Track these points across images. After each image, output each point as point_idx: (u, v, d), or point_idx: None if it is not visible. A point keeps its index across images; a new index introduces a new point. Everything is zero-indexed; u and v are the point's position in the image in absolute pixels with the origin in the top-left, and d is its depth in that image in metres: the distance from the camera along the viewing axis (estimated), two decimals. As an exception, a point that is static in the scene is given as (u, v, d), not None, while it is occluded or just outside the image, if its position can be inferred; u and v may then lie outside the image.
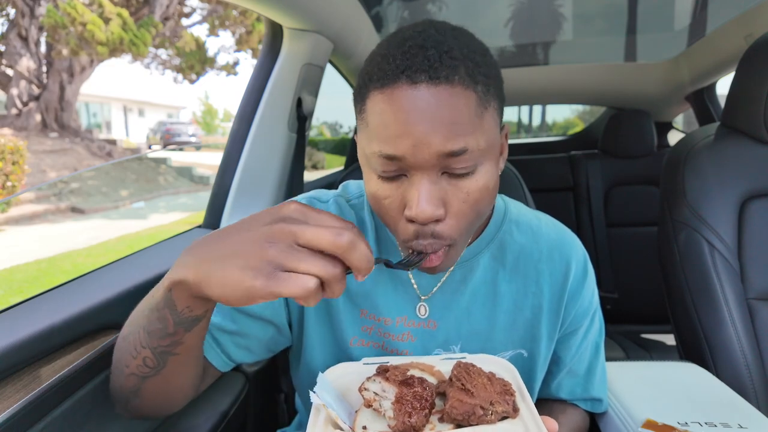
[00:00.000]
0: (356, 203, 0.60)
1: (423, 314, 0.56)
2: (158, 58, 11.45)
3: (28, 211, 6.29)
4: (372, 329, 0.56)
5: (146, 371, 0.44)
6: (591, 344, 0.62)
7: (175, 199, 8.41)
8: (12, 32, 9.00)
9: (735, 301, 0.82)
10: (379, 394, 0.46)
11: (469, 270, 0.56)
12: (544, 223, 0.60)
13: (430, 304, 0.56)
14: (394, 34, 0.45)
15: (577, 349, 0.60)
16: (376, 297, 0.56)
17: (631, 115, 1.75)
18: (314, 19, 0.93)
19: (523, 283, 0.56)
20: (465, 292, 0.55)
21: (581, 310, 0.58)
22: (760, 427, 0.60)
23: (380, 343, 0.56)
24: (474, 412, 0.43)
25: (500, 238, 0.57)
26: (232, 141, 0.98)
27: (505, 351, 0.56)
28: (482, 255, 0.56)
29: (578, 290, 0.57)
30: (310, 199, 0.59)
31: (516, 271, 0.56)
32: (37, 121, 9.47)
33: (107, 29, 8.14)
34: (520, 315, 0.56)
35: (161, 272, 0.67)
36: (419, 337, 0.55)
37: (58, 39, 8.29)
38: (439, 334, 0.55)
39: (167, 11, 9.56)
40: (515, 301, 0.56)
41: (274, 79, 0.96)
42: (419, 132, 0.40)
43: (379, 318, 0.56)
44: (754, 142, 0.87)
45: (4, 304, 0.55)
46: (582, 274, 0.58)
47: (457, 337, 0.56)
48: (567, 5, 1.34)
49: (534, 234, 0.58)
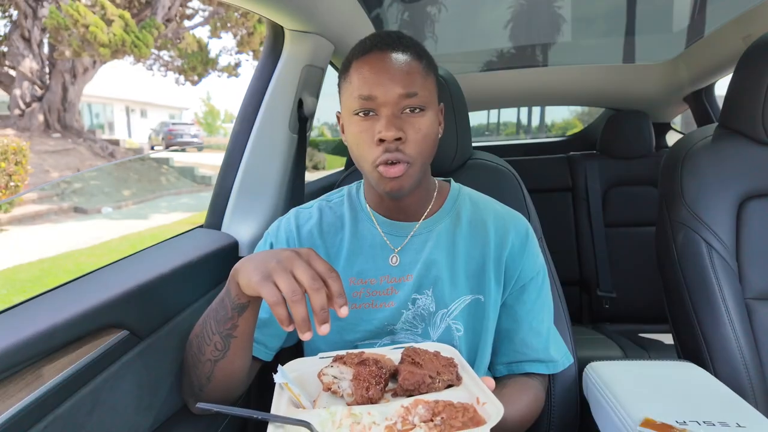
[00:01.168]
0: (336, 202, 0.78)
1: (395, 263, 0.71)
2: (160, 59, 11.48)
3: (30, 211, 6.31)
4: (361, 293, 0.70)
5: (217, 354, 0.59)
6: (546, 306, 0.74)
7: (177, 199, 8.43)
8: (15, 33, 9.03)
9: (733, 301, 0.82)
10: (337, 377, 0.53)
11: (431, 231, 0.72)
12: (491, 201, 0.77)
13: (401, 255, 0.71)
14: None
15: (532, 305, 0.72)
16: (359, 264, 0.71)
17: (630, 116, 1.75)
18: (315, 21, 0.93)
19: (474, 237, 0.72)
20: (430, 246, 0.70)
21: (528, 266, 0.71)
22: (757, 425, 0.60)
23: (370, 302, 0.70)
24: (423, 381, 0.51)
25: (457, 208, 0.74)
26: (234, 142, 0.98)
27: (467, 295, 0.70)
28: (442, 220, 0.73)
29: (522, 248, 0.71)
30: (297, 210, 0.77)
31: (469, 228, 0.72)
32: (40, 122, 9.50)
33: (109, 31, 8.16)
34: (473, 261, 0.71)
35: (164, 272, 0.68)
36: (400, 290, 0.69)
37: (61, 40, 8.31)
38: (413, 283, 0.69)
39: (169, 13, 9.58)
40: (468, 251, 0.71)
41: (275, 80, 0.97)
42: (387, 79, 0.61)
43: (365, 280, 0.70)
44: (752, 143, 0.87)
45: (7, 303, 0.55)
46: (524, 236, 0.72)
47: (429, 282, 0.69)
48: (566, 7, 1.34)
49: (484, 205, 0.75)
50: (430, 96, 0.65)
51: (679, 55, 1.59)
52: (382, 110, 0.62)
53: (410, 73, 0.62)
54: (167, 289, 0.68)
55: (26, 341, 0.47)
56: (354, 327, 0.70)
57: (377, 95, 0.61)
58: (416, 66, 0.63)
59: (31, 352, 0.48)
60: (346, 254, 0.72)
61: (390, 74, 0.61)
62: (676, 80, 1.69)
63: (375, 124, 0.62)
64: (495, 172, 0.97)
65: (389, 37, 0.65)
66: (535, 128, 7.42)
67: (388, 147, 0.61)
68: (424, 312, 0.69)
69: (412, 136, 0.62)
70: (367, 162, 0.64)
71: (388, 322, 0.69)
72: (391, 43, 0.63)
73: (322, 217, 0.75)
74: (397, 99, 0.61)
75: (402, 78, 0.61)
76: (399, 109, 0.62)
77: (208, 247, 0.82)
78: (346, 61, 0.66)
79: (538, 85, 1.86)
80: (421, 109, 0.63)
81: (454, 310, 0.69)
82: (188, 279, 0.73)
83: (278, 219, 0.77)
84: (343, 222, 0.74)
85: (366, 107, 0.62)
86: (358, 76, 0.63)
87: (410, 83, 0.61)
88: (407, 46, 0.64)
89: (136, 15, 9.32)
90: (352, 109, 0.64)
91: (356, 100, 0.62)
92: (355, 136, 0.64)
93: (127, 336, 0.59)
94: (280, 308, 0.47)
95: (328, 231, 0.74)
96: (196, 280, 0.76)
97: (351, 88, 0.64)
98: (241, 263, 0.54)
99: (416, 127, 0.63)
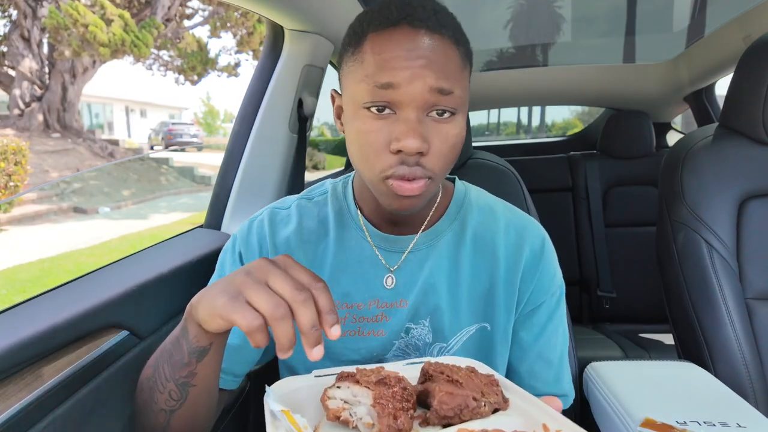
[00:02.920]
0: (319, 200, 0.63)
1: (390, 285, 0.58)
2: (160, 59, 11.47)
3: (30, 211, 6.30)
4: (346, 318, 0.58)
5: (172, 404, 0.47)
6: (561, 332, 0.61)
7: (177, 199, 8.43)
8: (14, 33, 9.03)
9: (733, 301, 0.82)
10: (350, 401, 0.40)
11: (433, 246, 0.59)
12: (502, 205, 0.64)
13: (397, 275, 0.58)
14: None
15: (542, 330, 0.60)
16: (345, 284, 0.58)
17: (630, 115, 1.75)
18: (315, 21, 0.93)
19: (481, 255, 0.59)
20: (429, 267, 0.58)
21: (541, 287, 0.59)
22: (758, 426, 0.60)
23: (356, 329, 0.58)
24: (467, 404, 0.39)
25: (462, 216, 0.61)
26: (234, 141, 0.98)
27: (471, 325, 0.58)
28: (445, 233, 0.59)
29: (536, 265, 0.59)
30: (272, 209, 0.62)
31: (475, 244, 0.59)
32: (40, 122, 9.49)
33: (109, 30, 8.16)
34: (479, 285, 0.58)
35: (163, 272, 0.68)
36: (393, 317, 0.58)
37: (60, 40, 8.31)
38: (408, 310, 0.57)
39: (169, 13, 9.57)
40: (474, 272, 0.58)
41: (275, 80, 0.97)
42: (418, 65, 0.45)
43: (351, 305, 0.58)
44: (752, 143, 0.87)
45: (7, 303, 0.55)
46: (539, 250, 0.59)
47: (426, 311, 0.58)
48: (566, 7, 1.34)
49: (492, 212, 0.62)
50: (464, 95, 0.49)
51: (679, 55, 1.59)
52: (404, 108, 0.46)
53: (448, 62, 0.46)
54: (167, 290, 0.68)
55: (26, 341, 0.47)
56: (337, 357, 0.58)
57: (401, 85, 0.45)
58: (455, 54, 0.47)
59: (30, 352, 0.48)
60: (329, 270, 0.58)
61: (423, 60, 0.45)
62: (676, 80, 1.69)
63: (391, 126, 0.47)
64: (495, 171, 0.96)
65: (424, 9, 0.47)
66: (535, 128, 7.42)
67: (406, 160, 0.47)
68: (418, 342, 0.58)
69: (437, 147, 0.47)
70: (374, 171, 0.49)
71: (378, 353, 0.58)
72: (427, 19, 0.46)
73: (302, 221, 0.60)
74: (428, 95, 0.45)
75: (438, 68, 0.45)
76: (426, 110, 0.47)
77: (208, 247, 0.82)
78: (357, 31, 0.49)
79: (538, 84, 1.86)
80: (452, 113, 0.48)
81: (454, 345, 0.58)
82: (188, 279, 0.73)
83: (249, 219, 0.62)
84: (327, 228, 0.60)
85: (383, 100, 0.46)
86: (376, 56, 0.46)
87: (447, 76, 0.46)
88: (445, 26, 0.47)
89: (135, 14, 9.31)
90: (361, 100, 0.47)
91: (369, 88, 0.46)
92: (362, 137, 0.48)
93: (126, 336, 0.59)
94: (260, 335, 0.36)
95: (309, 239, 0.60)
96: (196, 280, 0.76)
97: (362, 69, 0.47)
98: (199, 295, 0.42)
99: (444, 136, 0.48)
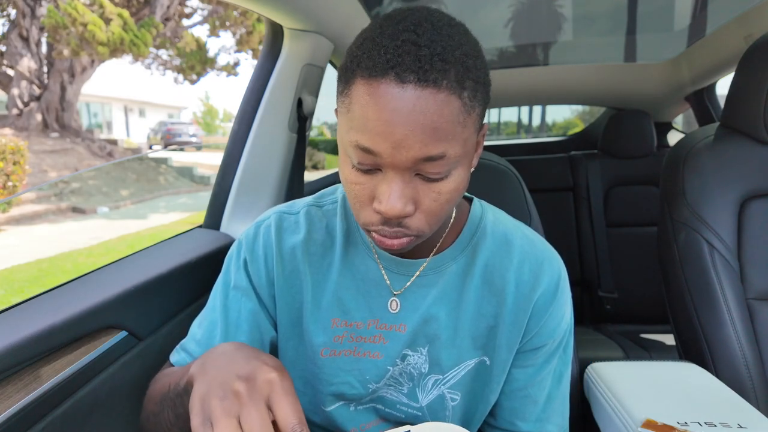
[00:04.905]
0: (329, 209, 0.60)
1: (395, 309, 0.55)
2: (159, 58, 11.45)
3: (29, 211, 6.29)
4: (344, 337, 0.56)
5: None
6: (554, 373, 0.59)
7: (176, 199, 8.42)
8: (13, 32, 9.01)
9: (735, 301, 0.82)
10: None
11: (440, 273, 0.56)
12: (521, 235, 0.58)
13: (402, 300, 0.55)
14: (389, 19, 0.43)
15: (536, 372, 0.57)
16: (347, 301, 0.56)
17: (631, 115, 1.75)
18: (315, 20, 0.93)
19: (489, 290, 0.55)
20: (434, 295, 0.55)
21: (546, 330, 0.55)
22: (759, 426, 0.60)
23: (352, 349, 0.56)
24: None
25: (474, 244, 0.57)
26: (233, 141, 0.98)
27: (471, 359, 0.56)
28: (453, 261, 0.56)
29: (546, 307, 0.55)
30: (280, 214, 0.59)
31: (484, 277, 0.56)
32: (38, 121, 9.48)
33: (108, 30, 8.14)
34: (483, 322, 0.55)
35: (162, 272, 0.67)
36: (390, 340, 0.55)
37: (59, 39, 8.29)
38: (407, 336, 0.55)
39: (168, 12, 9.56)
40: (479, 308, 0.55)
41: (274, 79, 0.96)
42: (399, 134, 0.39)
43: (350, 323, 0.56)
44: (753, 143, 0.87)
45: (5, 303, 0.55)
46: (553, 292, 0.55)
47: (425, 339, 0.55)
48: (567, 6, 1.34)
49: (507, 244, 0.57)
50: (467, 144, 0.43)
51: (680, 55, 1.59)
52: (387, 171, 0.42)
53: (441, 120, 0.39)
54: (166, 290, 0.68)
55: (25, 342, 0.47)
56: (330, 378, 0.56)
57: (381, 153, 0.40)
58: (450, 110, 0.39)
59: (29, 352, 0.48)
60: (333, 285, 0.56)
61: (405, 127, 0.39)
62: (677, 79, 1.69)
63: (376, 183, 0.43)
64: (496, 171, 0.96)
65: (417, 55, 0.39)
66: (535, 128, 7.42)
67: (387, 221, 0.44)
68: (413, 371, 0.56)
69: (426, 206, 0.44)
70: (359, 220, 0.47)
71: (370, 377, 0.56)
72: (418, 69, 0.38)
73: (311, 231, 0.57)
74: (412, 163, 0.41)
75: (426, 133, 0.39)
76: (413, 171, 0.42)
77: (207, 247, 0.82)
78: (349, 67, 0.42)
79: (539, 84, 1.86)
80: (446, 176, 0.43)
81: (451, 378, 0.56)
82: (187, 279, 0.73)
83: (257, 221, 0.60)
84: (334, 241, 0.57)
85: (365, 162, 0.42)
86: (361, 111, 0.40)
87: (438, 138, 0.40)
88: (443, 71, 0.39)
89: (134, 14, 9.30)
90: (347, 152, 0.44)
91: (353, 146, 0.42)
92: (347, 185, 0.45)
93: (125, 337, 0.59)
94: None
95: (315, 251, 0.57)
96: (195, 280, 0.76)
97: (348, 119, 0.42)
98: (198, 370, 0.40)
99: (435, 195, 0.43)
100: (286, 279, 0.56)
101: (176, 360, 0.56)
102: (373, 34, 0.42)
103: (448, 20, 0.43)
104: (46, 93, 9.44)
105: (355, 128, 0.42)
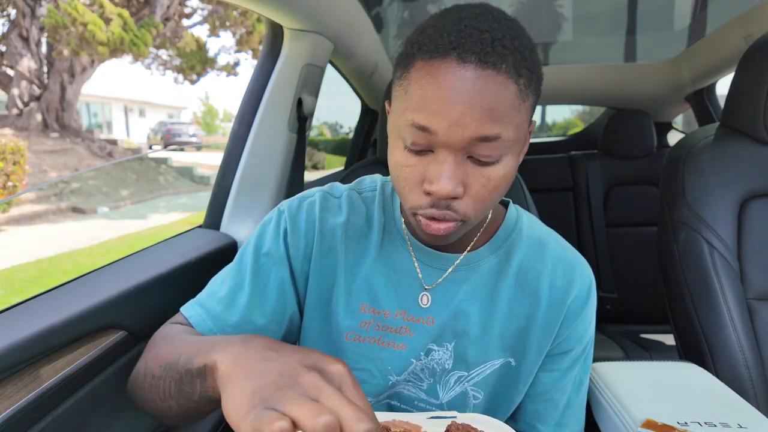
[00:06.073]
0: (368, 196, 0.61)
1: (425, 303, 0.55)
2: (159, 58, 11.46)
3: (28, 211, 6.29)
4: (370, 324, 0.56)
5: (167, 412, 0.45)
6: (575, 380, 0.60)
7: (176, 199, 8.42)
8: (13, 32, 9.01)
9: (735, 301, 0.82)
10: None
11: (474, 271, 0.56)
12: (554, 240, 0.59)
13: (433, 295, 0.56)
14: (450, 10, 0.45)
15: (561, 376, 0.58)
16: (378, 289, 0.56)
17: (631, 115, 1.75)
18: (315, 20, 0.93)
19: (522, 291, 0.56)
20: (465, 291, 0.55)
21: (576, 334, 0.57)
22: (759, 427, 0.60)
23: (377, 337, 0.56)
24: None
25: (508, 245, 0.57)
26: (233, 141, 0.98)
27: (497, 359, 0.56)
28: (487, 259, 0.56)
29: (578, 312, 0.56)
30: (325, 194, 0.59)
31: (517, 278, 0.56)
32: (38, 122, 9.48)
33: (108, 30, 8.15)
34: (514, 322, 0.56)
35: (162, 272, 0.67)
36: (417, 333, 0.55)
37: (59, 39, 8.29)
38: (434, 330, 0.55)
39: (168, 12, 9.56)
40: (511, 308, 0.56)
41: (274, 79, 0.96)
42: (458, 112, 0.40)
43: (378, 311, 0.56)
44: (753, 143, 0.87)
45: (5, 303, 0.55)
46: (585, 297, 0.56)
47: (452, 335, 0.55)
48: (567, 6, 1.34)
49: (541, 247, 0.58)
50: (519, 133, 0.44)
51: (680, 54, 1.59)
52: (440, 150, 0.43)
53: (498, 102, 0.40)
54: (165, 290, 0.68)
55: (24, 342, 0.47)
56: (351, 364, 0.55)
57: (437, 131, 0.41)
58: (509, 91, 0.41)
59: (29, 352, 0.48)
60: (365, 273, 0.56)
61: (465, 105, 0.40)
62: (677, 79, 1.69)
63: (427, 164, 0.44)
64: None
65: (479, 38, 0.40)
66: (536, 127, 7.43)
67: (436, 202, 0.44)
68: (436, 366, 0.55)
69: (475, 190, 0.44)
70: (406, 204, 0.47)
71: (392, 367, 0.56)
72: (480, 51, 0.40)
73: (351, 215, 0.58)
74: (467, 143, 0.41)
75: (484, 113, 0.40)
76: (466, 153, 0.43)
77: (207, 247, 0.82)
78: (408, 51, 0.44)
79: None
80: (498, 160, 0.43)
81: (476, 376, 0.56)
82: (187, 279, 0.73)
83: (299, 196, 0.59)
84: (372, 227, 0.58)
85: (420, 142, 0.43)
86: (420, 90, 0.42)
87: (494, 119, 0.41)
88: (503, 57, 0.40)
89: (134, 13, 9.30)
90: (401, 133, 0.45)
91: (408, 124, 0.43)
92: (397, 168, 0.46)
93: (125, 337, 0.59)
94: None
95: (353, 236, 0.57)
96: (194, 280, 0.76)
97: (405, 100, 0.43)
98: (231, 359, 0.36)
99: (484, 179, 0.44)
100: (323, 257, 0.56)
101: (190, 314, 0.53)
102: (434, 21, 0.44)
103: (506, 15, 0.45)
104: (46, 93, 9.44)
105: (411, 107, 0.43)
